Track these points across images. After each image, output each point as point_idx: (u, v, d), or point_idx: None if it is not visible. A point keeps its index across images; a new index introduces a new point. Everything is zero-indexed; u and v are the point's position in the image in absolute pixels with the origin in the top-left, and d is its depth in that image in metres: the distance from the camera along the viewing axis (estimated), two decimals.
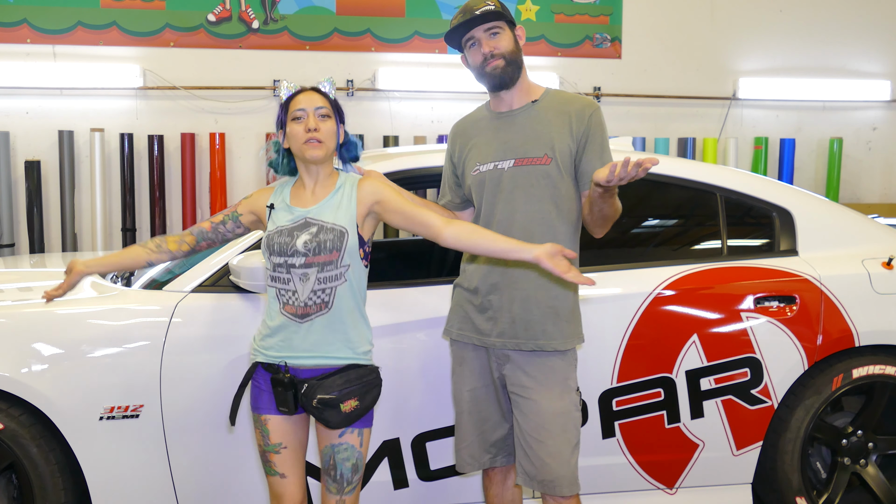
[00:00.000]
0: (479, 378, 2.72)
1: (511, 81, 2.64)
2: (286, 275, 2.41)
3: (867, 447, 3.37)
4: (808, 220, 3.38)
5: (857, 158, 7.21)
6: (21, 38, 5.81)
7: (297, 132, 2.44)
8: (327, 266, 2.40)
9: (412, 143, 6.35)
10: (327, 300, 2.41)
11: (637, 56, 6.79)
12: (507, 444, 2.76)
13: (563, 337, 2.59)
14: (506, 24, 2.63)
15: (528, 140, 2.62)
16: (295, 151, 2.47)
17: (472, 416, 2.74)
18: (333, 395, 2.39)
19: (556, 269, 2.24)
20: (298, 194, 2.51)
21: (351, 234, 2.43)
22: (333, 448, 2.47)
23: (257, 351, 2.50)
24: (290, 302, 2.42)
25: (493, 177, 2.64)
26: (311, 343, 2.43)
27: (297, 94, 2.48)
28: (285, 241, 2.42)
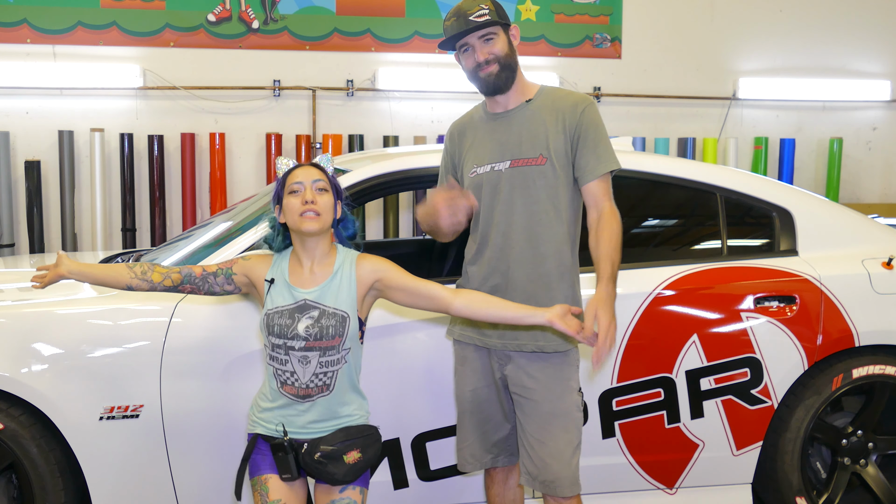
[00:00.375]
0: (481, 378, 2.72)
1: (506, 86, 2.62)
2: (284, 356, 2.38)
3: (867, 447, 3.37)
4: (808, 220, 3.38)
5: (857, 158, 7.21)
6: (21, 38, 5.81)
7: (293, 205, 2.38)
8: (329, 351, 2.38)
9: (412, 143, 6.35)
10: (329, 383, 2.40)
11: (637, 56, 6.79)
12: (509, 445, 2.76)
13: (563, 338, 2.59)
14: (500, 28, 2.60)
15: (524, 140, 2.60)
16: (291, 225, 2.41)
17: (474, 416, 2.73)
18: (336, 447, 2.38)
19: (570, 330, 2.30)
20: (296, 272, 2.44)
21: (352, 319, 2.40)
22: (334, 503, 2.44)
23: (256, 422, 2.47)
24: (289, 382, 2.39)
25: (490, 179, 2.63)
26: (311, 421, 2.42)
27: (295, 169, 2.45)
28: (286, 324, 2.37)
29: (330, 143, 6.15)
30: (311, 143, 6.19)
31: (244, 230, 3.13)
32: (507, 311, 2.40)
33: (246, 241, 3.03)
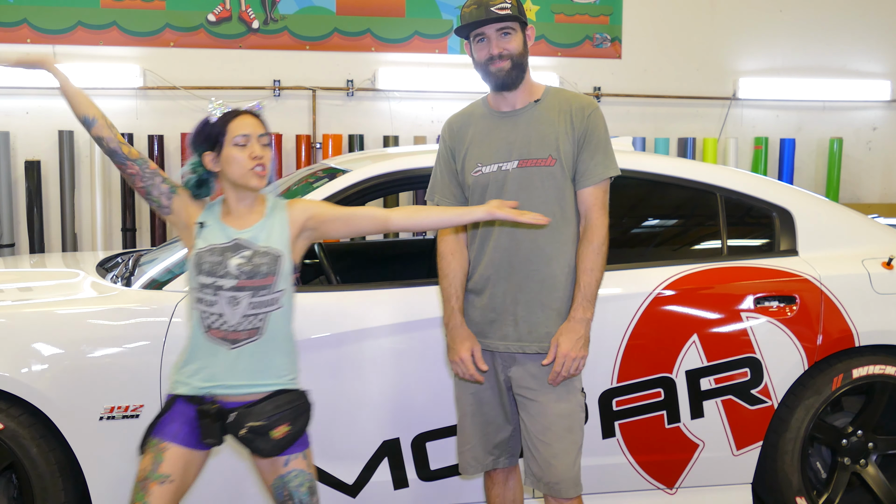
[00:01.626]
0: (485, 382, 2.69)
1: (515, 84, 2.60)
2: (213, 296, 2.30)
3: (867, 447, 3.37)
4: (808, 220, 3.38)
5: (857, 158, 7.21)
6: (21, 38, 5.81)
7: (240, 159, 2.33)
8: (261, 291, 2.31)
9: (412, 143, 6.35)
10: (259, 326, 2.32)
11: (637, 56, 6.79)
12: (511, 446, 2.76)
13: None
14: (518, 25, 2.58)
15: (533, 141, 2.58)
16: (234, 177, 2.35)
17: (476, 418, 2.72)
18: (264, 422, 2.30)
19: (511, 215, 2.32)
20: (227, 215, 2.40)
21: (286, 259, 2.36)
22: (284, 479, 2.38)
23: (179, 383, 2.36)
24: (215, 325, 2.31)
25: (496, 178, 2.61)
26: (238, 371, 2.33)
27: (237, 118, 2.38)
28: (216, 262, 2.31)
29: (330, 143, 6.15)
30: (311, 143, 6.19)
31: None
32: (445, 214, 2.44)
33: None
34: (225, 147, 2.35)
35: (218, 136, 2.35)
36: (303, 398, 2.41)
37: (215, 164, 2.37)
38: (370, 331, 2.99)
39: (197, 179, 2.40)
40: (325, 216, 2.44)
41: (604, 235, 2.57)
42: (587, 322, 2.54)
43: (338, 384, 2.98)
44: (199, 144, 2.38)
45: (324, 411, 2.98)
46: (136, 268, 3.42)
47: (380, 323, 2.99)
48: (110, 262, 3.71)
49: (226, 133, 2.35)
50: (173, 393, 2.37)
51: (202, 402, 2.33)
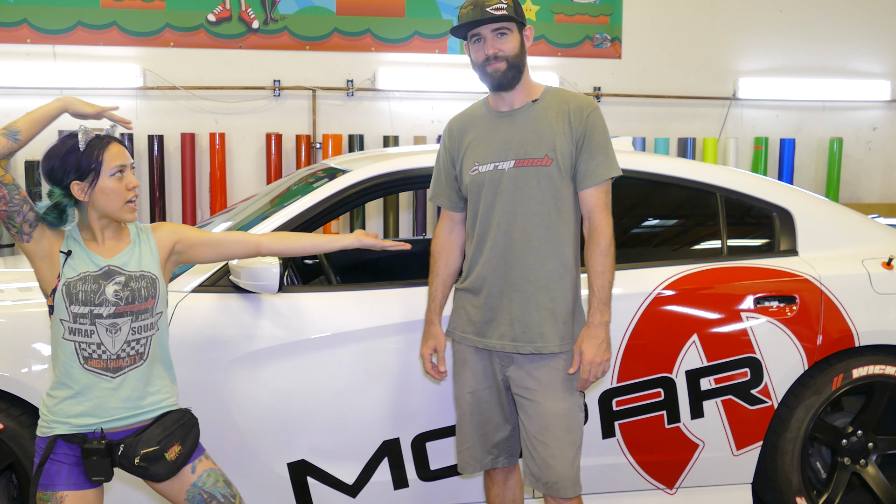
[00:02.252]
0: (480, 380, 2.70)
1: (511, 84, 2.60)
2: (90, 326, 2.22)
3: (867, 447, 3.37)
4: (808, 220, 3.38)
5: (857, 158, 7.21)
6: (21, 38, 5.81)
7: (117, 190, 2.24)
8: (142, 315, 2.27)
9: (412, 143, 6.35)
10: (142, 351, 2.29)
11: (637, 56, 6.79)
12: (509, 446, 2.76)
13: (560, 339, 2.58)
14: (515, 26, 2.58)
15: (529, 140, 2.59)
16: (110, 210, 2.26)
17: (474, 417, 2.72)
18: (156, 447, 2.26)
19: (375, 244, 2.55)
20: (91, 244, 2.31)
21: (161, 281, 2.32)
22: (197, 485, 2.36)
23: (57, 423, 2.24)
24: (94, 356, 2.24)
25: (492, 178, 2.61)
26: (123, 399, 2.27)
27: (110, 146, 2.27)
28: (91, 290, 2.23)
29: (330, 143, 6.15)
30: (311, 143, 6.19)
31: (244, 230, 3.13)
32: (314, 241, 2.53)
33: None
34: (101, 178, 2.23)
35: (91, 166, 2.23)
36: (188, 415, 2.38)
37: (86, 194, 2.24)
38: (370, 331, 2.99)
39: (58, 210, 2.25)
40: (193, 240, 2.43)
41: (609, 236, 2.57)
42: (606, 325, 2.56)
43: (338, 384, 2.98)
44: (65, 173, 2.23)
45: (324, 411, 2.98)
46: None
47: (380, 323, 2.99)
48: None
49: (101, 163, 2.24)
50: (50, 434, 2.25)
51: (85, 440, 2.24)
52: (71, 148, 2.24)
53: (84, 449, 2.24)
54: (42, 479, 2.25)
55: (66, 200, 2.24)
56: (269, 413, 2.94)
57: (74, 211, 2.30)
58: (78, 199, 2.25)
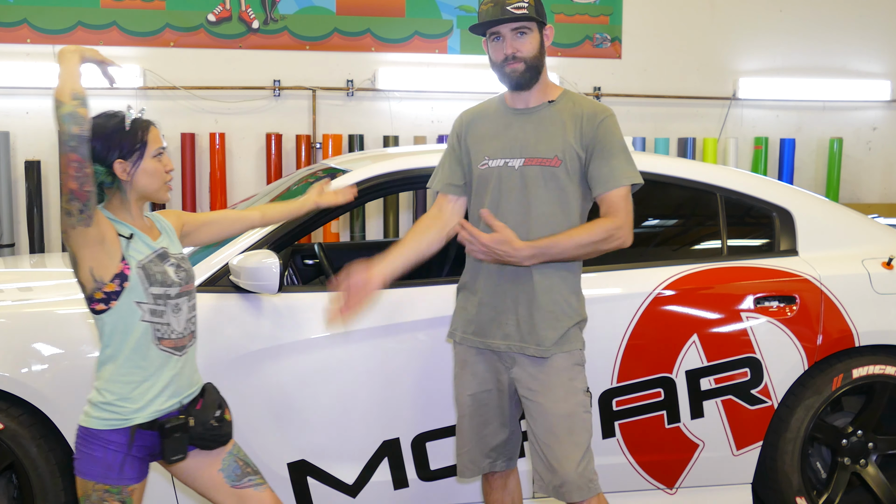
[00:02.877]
0: (481, 382, 2.67)
1: (528, 85, 2.57)
2: (162, 307, 2.26)
3: (867, 447, 3.37)
4: (808, 220, 3.38)
5: (857, 158, 7.21)
6: (21, 38, 5.81)
7: (157, 171, 2.29)
8: (192, 295, 2.37)
9: (412, 143, 6.35)
10: (194, 329, 2.37)
11: (637, 56, 6.79)
12: (508, 449, 2.73)
13: (561, 341, 2.56)
14: (535, 25, 2.54)
15: (541, 140, 2.56)
16: (149, 189, 2.29)
17: (473, 420, 2.70)
18: (219, 411, 2.35)
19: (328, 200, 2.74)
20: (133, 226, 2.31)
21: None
22: (232, 453, 2.41)
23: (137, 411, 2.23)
24: (165, 336, 2.27)
25: (501, 173, 2.58)
26: (187, 376, 2.34)
27: (151, 127, 2.30)
28: (161, 271, 2.27)
29: (330, 143, 6.15)
30: (311, 143, 6.19)
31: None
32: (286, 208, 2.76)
33: (247, 240, 3.03)
34: (144, 158, 2.26)
35: (135, 146, 2.25)
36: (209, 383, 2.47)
37: (128, 174, 2.26)
38: (370, 330, 2.99)
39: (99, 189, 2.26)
40: (196, 222, 2.53)
41: (610, 231, 2.48)
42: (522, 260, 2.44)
43: (338, 384, 2.98)
44: (109, 152, 2.23)
45: (324, 411, 2.99)
46: None
47: (380, 323, 2.99)
48: None
49: (147, 143, 2.27)
50: (129, 425, 2.23)
51: (167, 420, 2.26)
52: (116, 128, 2.25)
53: (165, 429, 2.25)
54: (110, 475, 2.22)
55: (108, 179, 2.25)
56: (268, 413, 2.94)
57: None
58: (118, 179, 2.26)
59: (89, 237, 2.16)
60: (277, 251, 2.99)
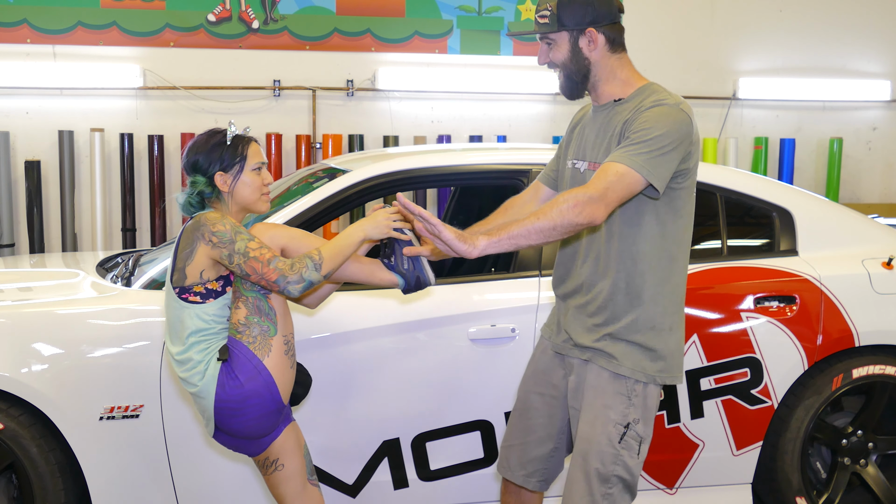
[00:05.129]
0: (537, 383, 2.55)
1: (574, 93, 2.44)
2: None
3: (867, 447, 3.37)
4: (808, 220, 3.38)
5: (857, 158, 7.21)
6: (21, 38, 5.81)
7: (256, 183, 2.47)
8: None
9: (412, 143, 6.35)
10: None
11: (637, 56, 6.73)
12: (547, 468, 2.57)
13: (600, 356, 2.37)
14: (562, 33, 2.39)
15: (599, 143, 2.41)
16: (248, 201, 2.47)
17: (522, 420, 2.57)
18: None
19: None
20: None
21: None
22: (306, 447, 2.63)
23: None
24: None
25: (570, 176, 2.49)
26: None
27: (253, 143, 2.49)
28: None
29: (330, 143, 6.15)
30: (311, 143, 6.19)
31: None
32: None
33: None
34: (245, 171, 2.45)
35: (235, 160, 2.44)
36: None
37: (229, 185, 2.45)
38: (370, 330, 2.99)
39: (200, 197, 2.46)
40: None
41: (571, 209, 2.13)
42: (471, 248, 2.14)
43: (338, 384, 2.98)
44: (210, 164, 2.44)
45: (324, 411, 2.98)
46: (136, 268, 3.42)
47: (380, 323, 2.99)
48: (110, 262, 3.71)
49: (246, 158, 2.45)
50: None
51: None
52: (218, 142, 2.44)
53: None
54: (263, 432, 2.46)
55: (208, 189, 2.44)
56: None
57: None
58: (219, 190, 2.44)
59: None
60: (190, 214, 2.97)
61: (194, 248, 2.35)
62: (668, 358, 2.40)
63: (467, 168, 3.40)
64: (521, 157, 3.42)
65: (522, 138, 6.33)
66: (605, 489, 2.33)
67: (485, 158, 3.48)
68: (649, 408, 2.39)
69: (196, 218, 2.40)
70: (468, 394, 3.05)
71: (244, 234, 2.35)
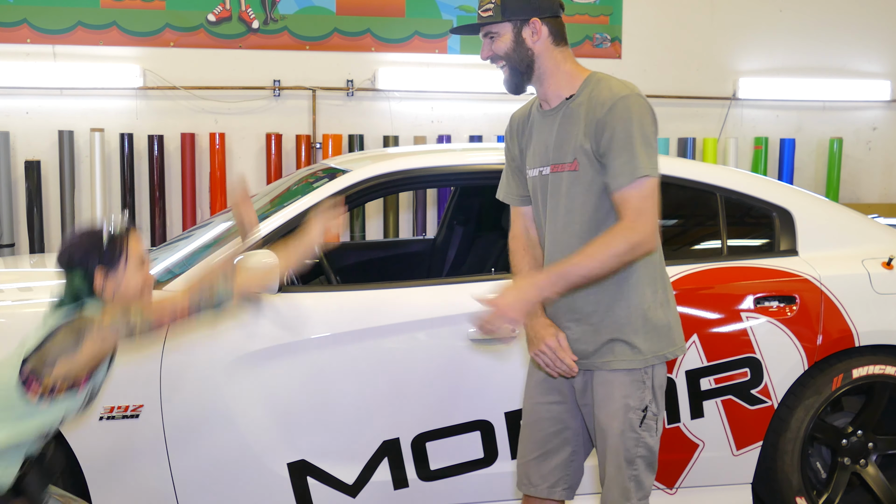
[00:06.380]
0: (541, 393, 2.51)
1: (518, 87, 2.41)
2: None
3: (867, 447, 3.37)
4: (808, 220, 3.38)
5: (857, 158, 7.21)
6: (21, 38, 5.81)
7: (139, 279, 2.23)
8: None
9: (412, 143, 6.35)
10: None
11: (637, 56, 6.79)
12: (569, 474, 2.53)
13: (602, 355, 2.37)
14: (506, 24, 2.35)
15: (561, 143, 2.36)
16: (127, 295, 2.22)
17: (534, 433, 2.52)
18: None
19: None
20: None
21: None
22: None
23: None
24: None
25: (538, 183, 2.44)
26: None
27: (133, 235, 2.25)
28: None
29: (330, 143, 6.15)
30: (311, 143, 6.19)
31: None
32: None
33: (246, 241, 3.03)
34: (128, 267, 2.21)
35: (119, 254, 2.21)
36: None
37: (107, 281, 2.20)
38: (370, 331, 2.99)
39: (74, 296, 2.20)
40: None
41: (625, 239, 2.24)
42: (540, 293, 2.22)
43: (338, 384, 2.98)
44: (91, 259, 2.18)
45: (324, 411, 2.98)
46: None
47: (380, 323, 2.99)
48: None
49: (129, 251, 2.22)
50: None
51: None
52: (98, 235, 2.21)
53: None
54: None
55: (86, 288, 2.20)
56: (269, 413, 2.94)
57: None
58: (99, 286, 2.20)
59: (107, 347, 2.15)
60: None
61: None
62: (669, 333, 2.41)
63: (467, 168, 3.40)
64: None
65: None
66: (630, 471, 2.39)
67: (485, 158, 3.48)
68: (659, 386, 2.43)
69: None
70: (468, 394, 3.05)
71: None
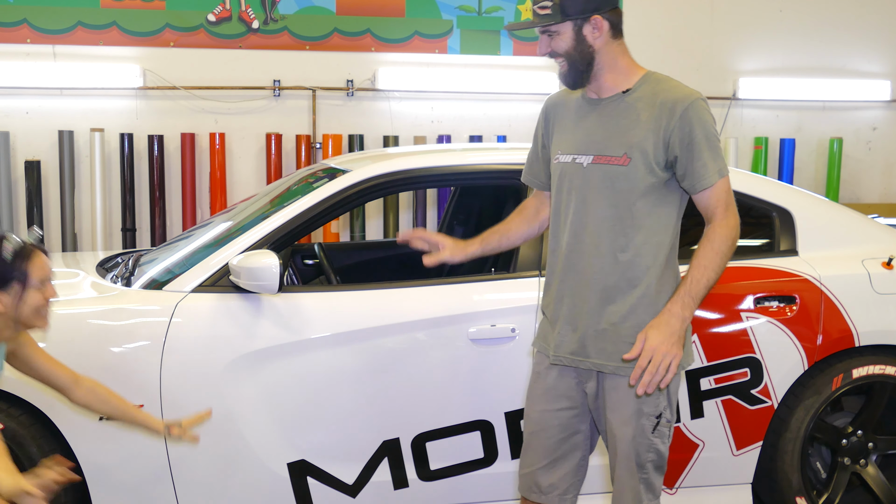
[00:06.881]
0: (549, 400, 2.48)
1: (575, 83, 2.39)
2: None
3: (867, 447, 3.37)
4: (808, 220, 3.38)
5: (857, 158, 7.21)
6: (21, 38, 5.81)
7: (39, 300, 2.24)
8: None
9: (412, 143, 6.35)
10: None
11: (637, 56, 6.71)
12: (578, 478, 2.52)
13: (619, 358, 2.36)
14: (565, 23, 2.33)
15: (611, 135, 2.34)
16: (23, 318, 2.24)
17: (541, 440, 2.49)
18: None
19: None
20: None
21: None
22: None
23: None
24: None
25: (570, 171, 2.40)
26: None
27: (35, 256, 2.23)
28: None
29: (330, 143, 6.15)
30: (311, 143, 6.19)
31: (244, 230, 3.13)
32: (126, 411, 2.55)
33: (246, 241, 3.03)
34: (27, 290, 2.22)
35: (17, 277, 2.20)
36: None
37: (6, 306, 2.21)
38: (370, 330, 2.99)
39: None
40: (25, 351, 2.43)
41: (725, 236, 2.30)
42: (682, 319, 2.25)
43: (338, 384, 2.98)
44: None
45: (324, 411, 2.99)
46: (136, 268, 3.42)
47: (380, 323, 2.99)
48: (110, 262, 3.71)
49: (28, 275, 2.21)
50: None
51: None
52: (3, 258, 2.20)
53: None
54: None
55: None
56: (269, 413, 2.94)
57: None
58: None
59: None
60: (277, 251, 2.99)
61: None
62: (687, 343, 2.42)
63: (467, 168, 3.40)
64: (521, 157, 3.40)
65: (522, 138, 6.32)
66: (641, 475, 2.40)
67: (485, 158, 3.48)
68: (673, 392, 2.44)
69: None
70: (468, 394, 3.05)
71: None
